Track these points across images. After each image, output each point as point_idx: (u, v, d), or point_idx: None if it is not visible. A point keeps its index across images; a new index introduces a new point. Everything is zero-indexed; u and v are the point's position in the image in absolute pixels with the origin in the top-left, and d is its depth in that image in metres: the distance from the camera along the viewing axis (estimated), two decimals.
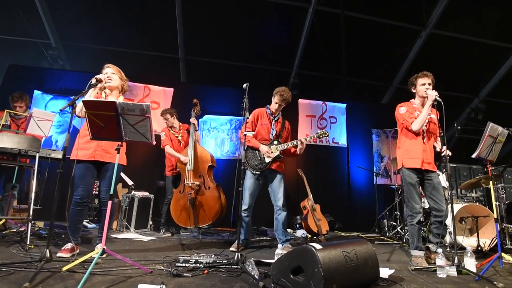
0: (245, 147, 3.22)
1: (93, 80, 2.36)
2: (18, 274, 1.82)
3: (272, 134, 3.30)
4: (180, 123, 4.39)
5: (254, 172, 3.17)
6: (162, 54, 6.40)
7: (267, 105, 3.40)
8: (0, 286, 1.60)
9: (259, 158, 3.20)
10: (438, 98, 2.70)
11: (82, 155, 2.52)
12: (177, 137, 4.26)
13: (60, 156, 3.48)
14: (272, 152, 3.18)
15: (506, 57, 6.51)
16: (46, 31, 5.72)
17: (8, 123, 3.38)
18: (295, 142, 3.19)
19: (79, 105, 2.21)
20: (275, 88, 3.33)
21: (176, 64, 6.44)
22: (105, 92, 2.63)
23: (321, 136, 3.24)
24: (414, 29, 6.07)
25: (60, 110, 2.04)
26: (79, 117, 2.36)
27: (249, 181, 3.19)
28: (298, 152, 3.23)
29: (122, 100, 2.55)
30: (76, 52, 6.14)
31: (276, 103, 3.27)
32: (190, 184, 3.63)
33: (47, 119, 3.32)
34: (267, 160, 3.17)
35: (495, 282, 2.10)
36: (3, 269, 1.87)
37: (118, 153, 2.05)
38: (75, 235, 2.49)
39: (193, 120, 4.03)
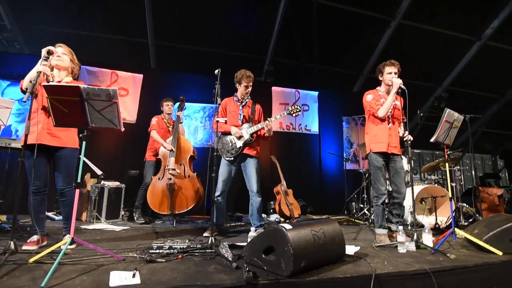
0: (219, 135, 3.23)
1: (44, 53, 2.19)
2: None
3: (240, 119, 3.32)
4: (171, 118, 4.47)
5: (228, 158, 3.20)
6: (130, 39, 6.08)
7: (235, 93, 3.43)
8: None
9: (231, 144, 3.23)
10: (402, 86, 2.86)
11: (28, 139, 2.14)
12: (168, 126, 4.31)
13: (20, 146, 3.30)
14: (242, 135, 3.20)
15: (467, 48, 6.89)
16: (0, 12, 5.25)
17: None
18: (264, 124, 3.17)
19: (26, 79, 2.15)
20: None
21: (145, 49, 6.16)
22: (52, 74, 2.43)
23: (292, 112, 3.24)
24: (384, 19, 6.24)
25: (24, 101, 1.91)
26: (22, 91, 2.27)
27: (222, 167, 3.22)
28: (267, 134, 3.23)
29: (68, 82, 2.43)
30: (34, 35, 5.66)
31: (245, 85, 3.29)
32: (170, 171, 3.66)
33: (4, 106, 3.11)
34: (238, 144, 3.20)
35: (448, 254, 2.32)
36: None
37: (85, 140, 1.97)
38: (40, 226, 2.39)
39: (178, 113, 4.14)
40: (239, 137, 3.21)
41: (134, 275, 1.65)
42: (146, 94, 5.36)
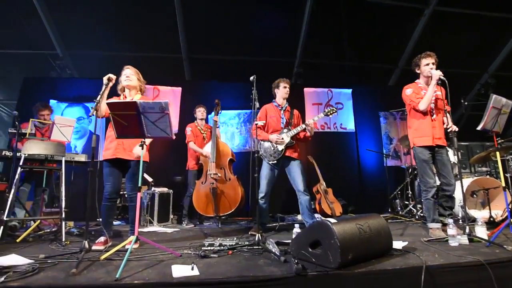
0: (258, 139, 3.37)
1: (105, 80, 2.50)
2: (63, 264, 2.02)
3: (283, 123, 3.46)
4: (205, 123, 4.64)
5: (271, 162, 3.33)
6: (167, 55, 6.52)
7: (273, 100, 3.58)
8: (51, 274, 1.79)
9: (273, 148, 3.35)
10: (442, 77, 2.81)
11: (106, 155, 2.73)
12: (203, 133, 4.48)
13: (83, 159, 3.72)
14: (283, 139, 3.33)
15: None
16: (52, 42, 5.90)
17: (33, 132, 3.59)
18: (303, 126, 3.33)
19: (102, 107, 2.43)
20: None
21: (180, 63, 6.55)
22: (124, 94, 2.80)
23: (329, 113, 3.37)
24: (416, 7, 6.01)
25: (89, 116, 2.22)
26: (98, 116, 2.54)
27: (265, 170, 3.35)
28: (308, 134, 3.36)
29: (139, 98, 2.72)
30: (82, 60, 6.30)
31: (284, 86, 3.46)
32: (212, 175, 3.83)
33: (68, 124, 3.53)
34: (280, 148, 3.31)
35: (505, 246, 2.21)
36: (49, 261, 2.07)
37: (142, 149, 2.22)
38: (107, 229, 2.68)
39: (215, 117, 4.28)
40: (280, 143, 3.33)
41: (192, 268, 1.82)
42: (185, 105, 5.69)
